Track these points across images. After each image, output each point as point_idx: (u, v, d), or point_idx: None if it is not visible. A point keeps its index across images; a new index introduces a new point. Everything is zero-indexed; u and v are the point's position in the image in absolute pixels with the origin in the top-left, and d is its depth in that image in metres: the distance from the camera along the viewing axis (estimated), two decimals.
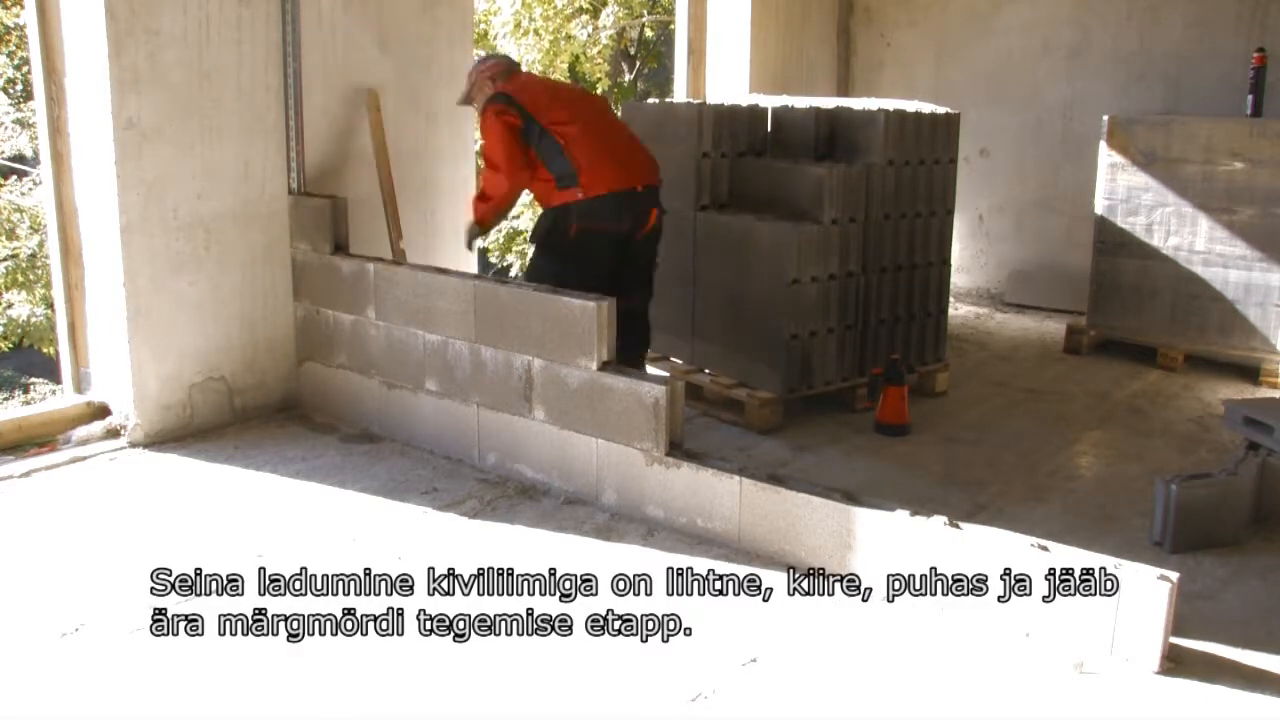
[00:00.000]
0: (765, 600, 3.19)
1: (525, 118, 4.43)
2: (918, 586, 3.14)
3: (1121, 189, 5.82)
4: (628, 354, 4.50)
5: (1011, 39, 7.12)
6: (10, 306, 10.38)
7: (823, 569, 3.31)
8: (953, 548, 3.08)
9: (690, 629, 3.01)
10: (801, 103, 5.29)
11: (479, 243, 4.81)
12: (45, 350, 10.39)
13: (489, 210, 4.59)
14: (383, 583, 3.26)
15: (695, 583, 3.29)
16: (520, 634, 2.98)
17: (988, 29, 7.21)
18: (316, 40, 4.64)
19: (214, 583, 3.22)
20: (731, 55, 7.09)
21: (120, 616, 3.02)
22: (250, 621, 3.02)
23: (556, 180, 4.41)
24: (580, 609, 3.12)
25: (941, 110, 5.16)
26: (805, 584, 3.27)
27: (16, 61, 11.98)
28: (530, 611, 3.10)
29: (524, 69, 4.96)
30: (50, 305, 9.29)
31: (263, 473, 4.09)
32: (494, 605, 3.14)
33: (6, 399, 11.21)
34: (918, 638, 2.99)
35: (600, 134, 4.52)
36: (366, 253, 4.60)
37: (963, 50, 7.34)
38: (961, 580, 3.07)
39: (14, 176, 11.47)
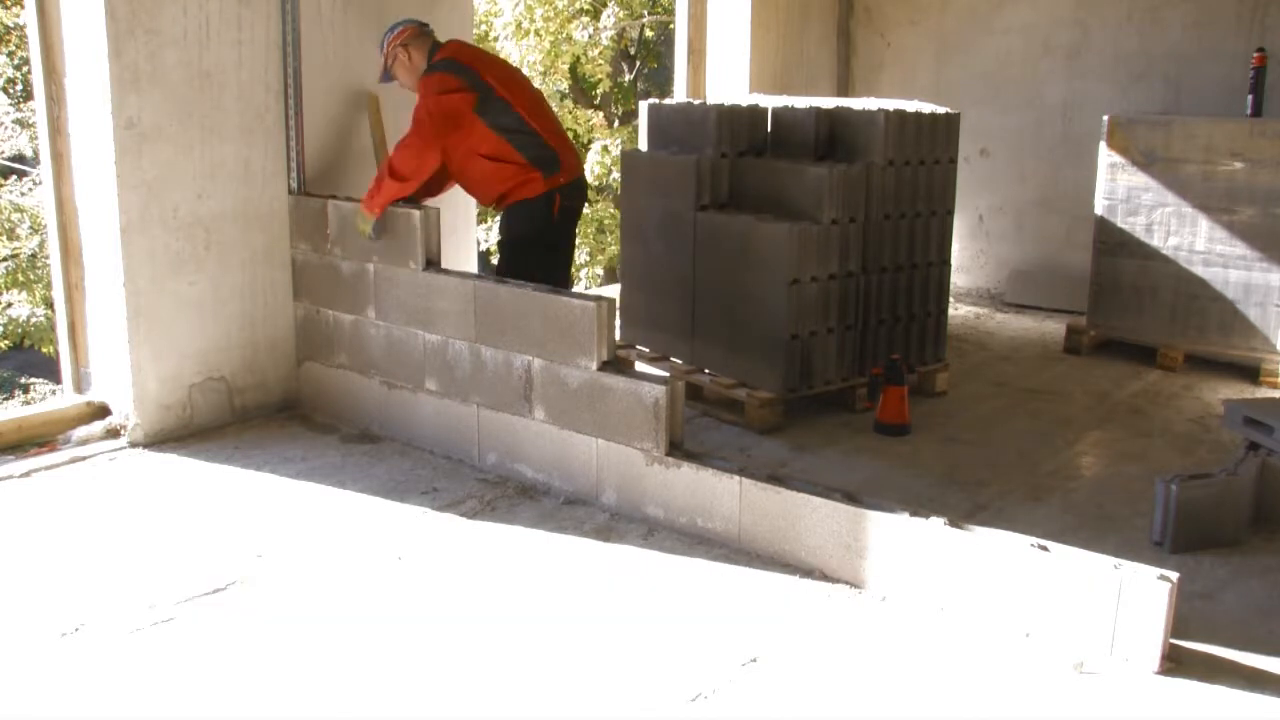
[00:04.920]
0: (765, 600, 3.19)
1: (478, 87, 4.29)
2: (918, 586, 3.14)
3: (1121, 189, 5.82)
4: None
5: (1011, 39, 7.12)
6: (10, 306, 10.38)
7: (823, 569, 3.31)
8: (953, 547, 3.08)
9: (690, 629, 3.01)
10: (801, 103, 5.29)
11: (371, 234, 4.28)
12: (45, 350, 10.39)
13: (397, 192, 4.19)
14: (382, 583, 3.26)
15: (695, 583, 3.29)
16: (520, 634, 2.98)
17: (988, 29, 7.21)
18: (316, 40, 4.64)
19: (214, 583, 3.22)
20: (731, 55, 7.09)
21: (120, 616, 3.02)
22: (249, 622, 3.02)
23: (534, 164, 4.37)
24: (580, 609, 3.13)
25: (941, 110, 5.16)
26: (805, 584, 3.27)
27: (16, 61, 11.98)
28: (530, 612, 3.11)
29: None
30: (50, 305, 9.29)
31: (263, 473, 4.09)
32: (493, 605, 3.15)
33: (6, 399, 11.20)
34: (918, 638, 2.99)
35: (547, 112, 4.59)
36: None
37: (963, 50, 7.34)
38: (961, 580, 3.07)
39: (14, 176, 11.47)
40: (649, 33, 13.16)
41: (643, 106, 5.71)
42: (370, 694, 2.70)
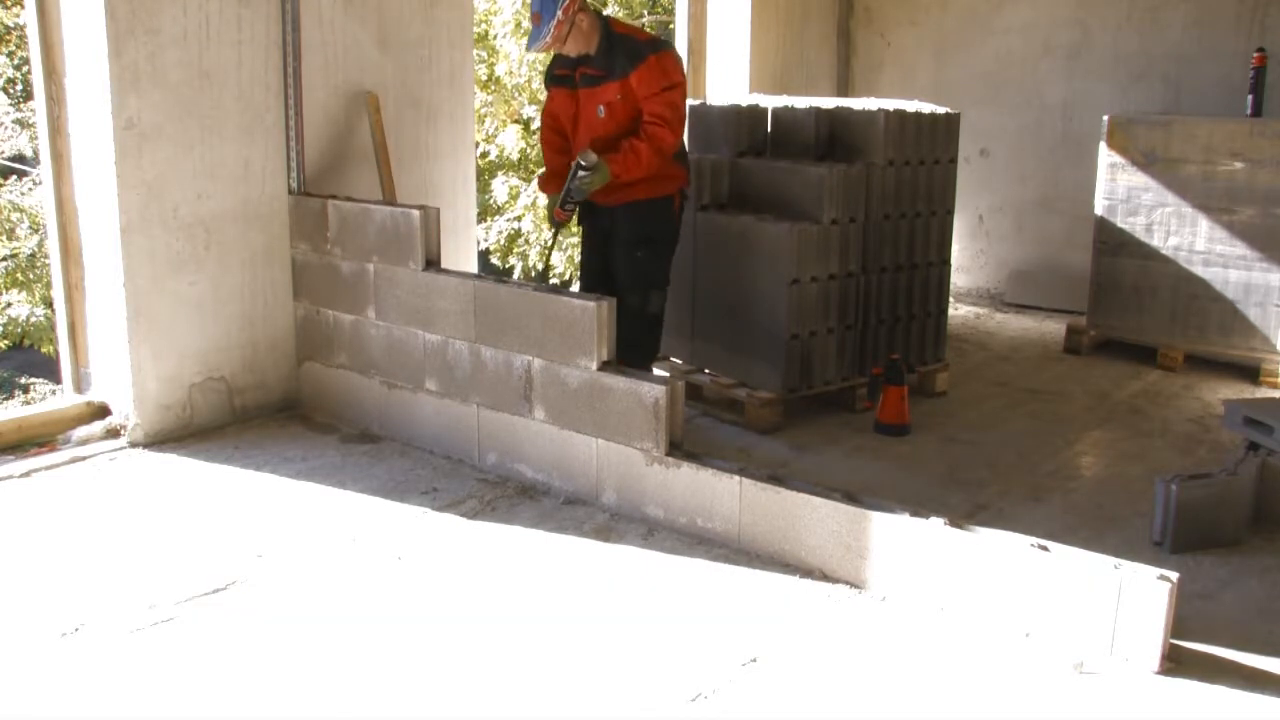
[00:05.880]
0: (765, 600, 3.19)
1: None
2: (918, 586, 3.14)
3: (1121, 189, 5.82)
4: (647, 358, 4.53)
5: (1011, 39, 7.12)
6: (10, 306, 10.37)
7: (823, 569, 3.31)
8: (953, 547, 3.08)
9: (690, 629, 3.01)
10: (801, 103, 5.29)
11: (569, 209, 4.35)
12: (45, 350, 10.38)
13: (649, 168, 4.16)
14: (382, 583, 3.26)
15: (695, 583, 3.29)
16: (520, 634, 2.98)
17: (988, 29, 7.21)
18: (316, 40, 4.64)
19: (214, 583, 3.22)
20: (731, 55, 7.09)
21: (120, 616, 3.02)
22: (249, 622, 3.02)
23: (679, 158, 4.39)
24: (580, 609, 3.13)
25: (941, 110, 5.16)
26: (805, 584, 3.27)
27: (16, 61, 11.97)
28: (530, 612, 3.11)
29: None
30: (50, 305, 9.28)
31: (263, 473, 4.09)
32: (493, 605, 3.15)
33: (6, 399, 11.19)
34: (918, 638, 2.99)
35: None
36: None
37: (963, 50, 7.34)
38: (961, 580, 3.07)
39: (14, 176, 11.46)
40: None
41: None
42: (370, 694, 2.70)
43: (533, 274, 10.87)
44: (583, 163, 4.16)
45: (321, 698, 2.69)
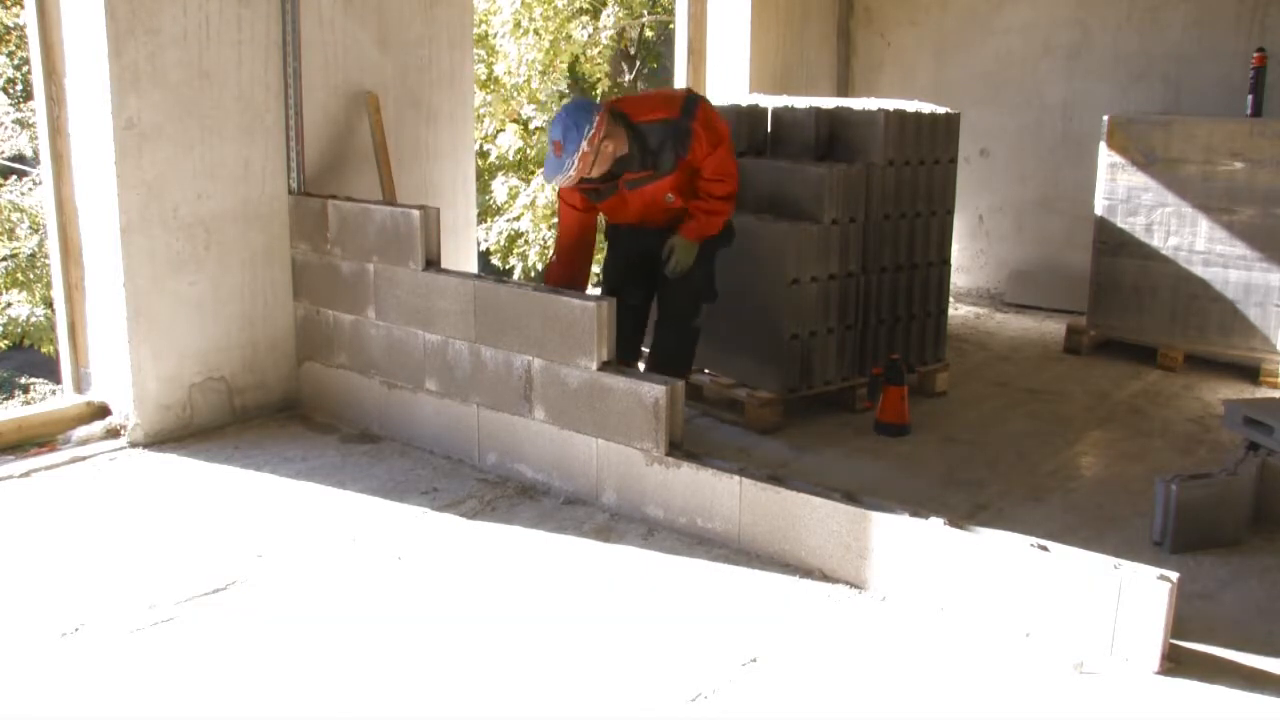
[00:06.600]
0: (765, 600, 3.19)
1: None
2: (918, 586, 3.14)
3: (1121, 189, 5.82)
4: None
5: (1011, 39, 7.12)
6: (10, 306, 10.38)
7: (823, 569, 3.31)
8: (953, 547, 3.08)
9: (690, 629, 3.01)
10: (801, 103, 5.29)
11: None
12: (45, 350, 10.38)
13: (727, 215, 4.29)
14: (382, 583, 3.26)
15: (695, 583, 3.29)
16: (520, 634, 2.98)
17: (988, 29, 7.21)
18: (316, 40, 4.64)
19: (214, 583, 3.22)
20: (731, 55, 7.09)
21: (120, 616, 3.02)
22: (249, 622, 3.02)
23: None
24: (580, 609, 3.13)
25: (941, 110, 5.16)
26: (805, 584, 3.27)
27: (16, 61, 11.98)
28: (530, 612, 3.11)
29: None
30: (50, 305, 9.28)
31: (263, 473, 4.09)
32: (493, 605, 3.15)
33: (6, 399, 11.19)
34: (918, 638, 2.99)
35: None
36: None
37: (962, 50, 7.34)
38: (961, 580, 3.07)
39: (14, 176, 11.46)
40: (649, 33, 13.15)
41: None
42: (370, 694, 2.70)
43: (532, 274, 10.87)
44: (667, 266, 4.24)
45: (321, 698, 2.69)
